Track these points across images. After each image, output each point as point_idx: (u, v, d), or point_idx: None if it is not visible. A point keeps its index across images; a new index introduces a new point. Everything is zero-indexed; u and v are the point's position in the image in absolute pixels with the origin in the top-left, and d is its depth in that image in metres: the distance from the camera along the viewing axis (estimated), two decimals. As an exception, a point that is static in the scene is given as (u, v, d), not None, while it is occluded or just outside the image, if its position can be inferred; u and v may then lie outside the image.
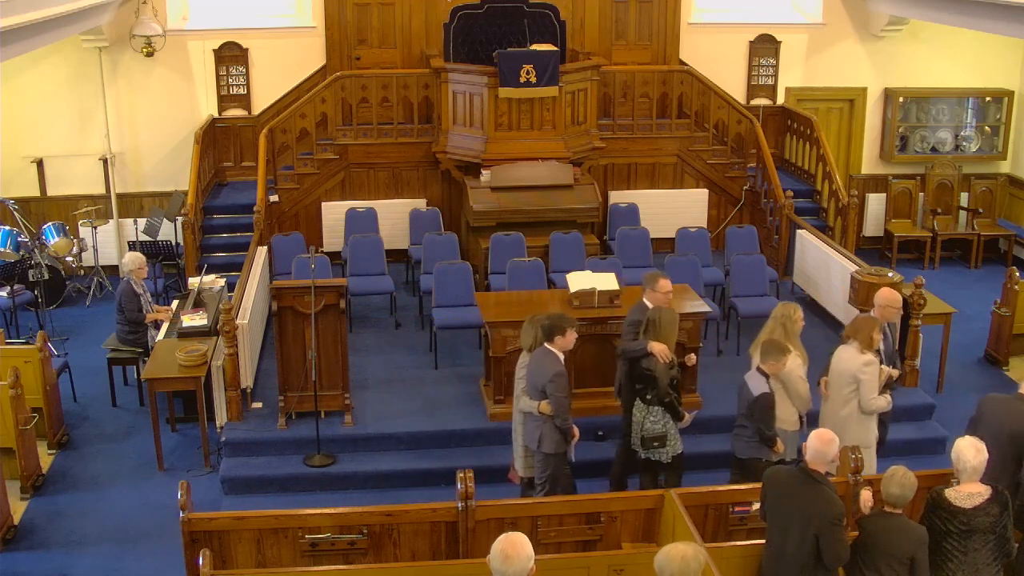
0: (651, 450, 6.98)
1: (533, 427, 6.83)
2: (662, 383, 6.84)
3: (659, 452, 6.99)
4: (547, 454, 6.82)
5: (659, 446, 6.95)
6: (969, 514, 5.30)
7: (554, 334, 6.73)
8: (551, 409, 6.65)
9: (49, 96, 11.94)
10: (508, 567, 4.12)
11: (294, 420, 8.25)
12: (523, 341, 7.02)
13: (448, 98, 11.02)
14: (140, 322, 9.03)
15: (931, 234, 12.94)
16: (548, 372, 6.64)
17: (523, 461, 7.14)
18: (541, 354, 6.79)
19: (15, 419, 7.64)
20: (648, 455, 7.02)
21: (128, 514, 7.59)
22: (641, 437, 6.97)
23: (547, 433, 6.76)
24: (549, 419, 6.71)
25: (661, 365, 6.84)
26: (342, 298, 8.17)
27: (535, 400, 6.74)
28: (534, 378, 6.75)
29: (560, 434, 6.77)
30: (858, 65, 13.21)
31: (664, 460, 6.99)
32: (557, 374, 6.63)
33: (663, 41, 12.78)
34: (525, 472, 7.16)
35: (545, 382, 6.64)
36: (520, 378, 7.01)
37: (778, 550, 5.31)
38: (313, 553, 5.89)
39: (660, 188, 12.17)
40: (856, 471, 6.12)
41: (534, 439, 6.83)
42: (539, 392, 6.71)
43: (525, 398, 6.84)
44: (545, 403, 6.67)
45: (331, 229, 11.48)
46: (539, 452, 6.84)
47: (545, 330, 6.76)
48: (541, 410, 6.71)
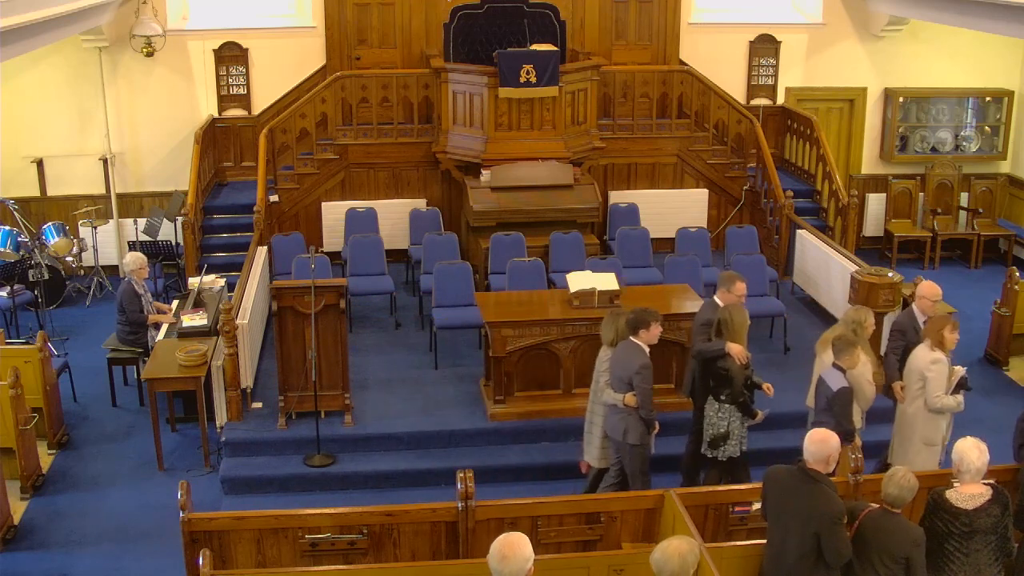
0: (715, 448, 7.06)
1: (618, 419, 6.94)
2: (737, 383, 6.93)
3: (719, 450, 7.06)
4: (632, 445, 6.92)
5: (720, 445, 7.03)
6: (971, 515, 5.30)
7: (639, 327, 6.85)
8: (637, 401, 6.76)
9: (49, 96, 11.94)
10: (505, 567, 4.12)
11: (294, 420, 8.25)
12: (604, 336, 7.14)
13: (448, 98, 11.03)
14: (141, 323, 9.03)
15: (931, 234, 12.94)
16: (634, 364, 6.76)
17: (599, 452, 7.24)
18: (626, 347, 6.90)
19: (15, 419, 7.64)
20: (710, 453, 7.09)
21: (128, 514, 7.59)
22: (710, 436, 7.04)
23: (632, 425, 6.87)
24: (634, 411, 6.82)
25: (737, 365, 6.93)
26: (342, 298, 8.17)
27: (620, 392, 6.84)
28: (619, 371, 6.86)
29: (644, 425, 6.88)
30: (858, 65, 13.21)
31: (720, 458, 7.06)
32: (643, 366, 6.76)
33: (663, 41, 12.78)
34: (599, 463, 7.26)
35: (631, 374, 6.76)
36: (602, 372, 7.10)
37: (779, 550, 5.31)
38: (313, 553, 5.89)
39: (660, 188, 12.17)
40: (856, 471, 6.12)
41: (619, 431, 6.93)
42: (624, 384, 6.82)
43: (609, 391, 6.94)
44: (631, 395, 6.79)
45: (331, 229, 11.48)
46: (624, 444, 6.93)
47: (631, 324, 6.88)
48: (626, 402, 6.81)
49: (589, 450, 7.37)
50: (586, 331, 8.24)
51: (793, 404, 8.60)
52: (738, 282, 7.43)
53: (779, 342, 9.68)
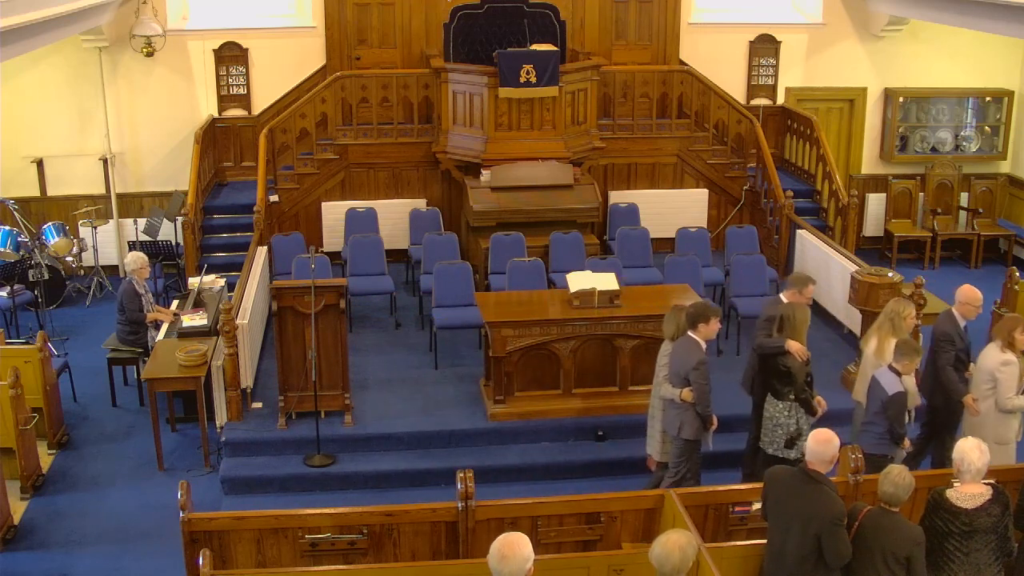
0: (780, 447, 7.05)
1: (674, 414, 6.95)
2: (798, 380, 6.94)
3: (785, 450, 7.05)
4: (686, 440, 6.94)
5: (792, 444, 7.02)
6: (971, 515, 5.30)
7: (698, 322, 6.85)
8: (693, 396, 6.77)
9: (49, 96, 11.94)
10: (504, 567, 4.12)
11: (294, 420, 8.25)
12: (665, 330, 7.17)
13: (448, 98, 11.03)
14: (141, 322, 9.03)
15: (931, 234, 12.94)
16: (692, 360, 6.77)
17: (660, 447, 7.28)
18: (684, 342, 6.91)
19: (15, 419, 7.64)
20: (776, 452, 7.08)
21: (128, 514, 7.59)
22: (785, 437, 7.02)
23: (688, 420, 6.88)
24: (690, 407, 6.82)
25: (798, 362, 6.94)
26: (342, 298, 8.17)
27: (677, 388, 6.86)
28: (677, 366, 6.88)
29: (700, 421, 6.88)
30: (858, 65, 13.21)
31: (792, 457, 7.02)
32: (700, 362, 6.77)
33: (663, 41, 12.78)
34: (661, 457, 7.30)
35: (688, 370, 6.77)
36: (662, 366, 7.14)
37: (779, 550, 5.31)
38: (313, 553, 5.89)
39: (660, 188, 12.17)
40: (856, 471, 6.12)
41: (674, 426, 6.95)
42: (682, 380, 6.83)
43: (667, 385, 6.96)
44: (687, 390, 6.80)
45: (331, 229, 11.48)
46: (678, 439, 6.94)
47: (690, 318, 6.89)
48: (683, 397, 6.83)
49: (651, 444, 7.43)
50: (586, 331, 8.25)
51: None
52: (811, 285, 7.52)
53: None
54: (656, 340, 8.29)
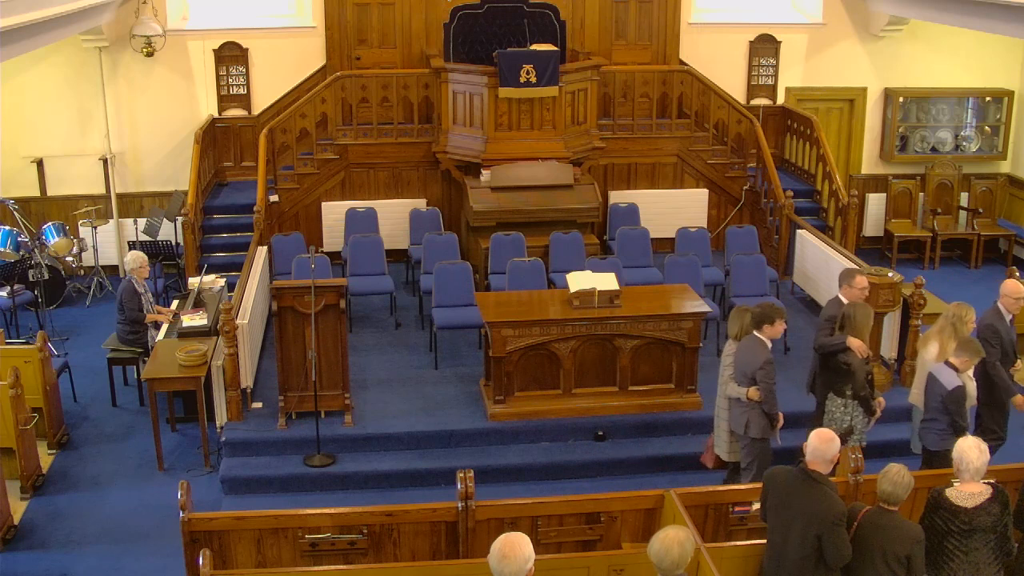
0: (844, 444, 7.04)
1: (740, 413, 7.01)
2: (859, 377, 6.99)
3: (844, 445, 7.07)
4: (753, 439, 7.00)
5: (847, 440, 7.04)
6: (970, 513, 5.31)
7: (763, 322, 6.92)
8: (760, 395, 6.83)
9: (49, 96, 11.94)
10: (505, 567, 4.13)
11: (294, 420, 8.25)
12: (729, 330, 7.26)
13: (448, 98, 11.03)
14: (140, 321, 9.03)
15: (931, 234, 12.94)
16: (758, 359, 6.84)
17: (728, 446, 7.33)
18: (750, 342, 6.97)
19: (15, 419, 7.64)
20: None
21: (128, 514, 7.59)
22: (845, 430, 7.05)
23: (754, 419, 6.94)
24: (756, 405, 6.88)
25: (858, 360, 6.99)
26: (342, 298, 8.17)
27: (743, 387, 6.91)
28: (743, 365, 6.94)
29: (767, 420, 6.93)
30: (858, 65, 13.21)
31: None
32: (767, 361, 6.84)
33: (663, 41, 12.77)
34: (729, 457, 7.35)
35: (755, 369, 6.83)
36: (727, 365, 7.19)
37: (779, 550, 5.31)
38: (313, 553, 5.89)
39: (660, 188, 12.17)
40: (856, 471, 6.12)
41: (741, 424, 7.01)
42: (748, 379, 6.90)
43: (732, 384, 7.02)
44: (754, 389, 6.86)
45: (331, 229, 11.49)
46: (745, 437, 7.00)
47: (755, 318, 6.96)
48: (749, 396, 6.89)
49: (718, 444, 7.47)
50: (586, 331, 8.25)
51: (793, 404, 8.61)
52: (858, 276, 7.56)
53: (779, 342, 9.67)
54: (656, 340, 8.33)
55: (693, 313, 8.37)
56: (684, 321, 8.29)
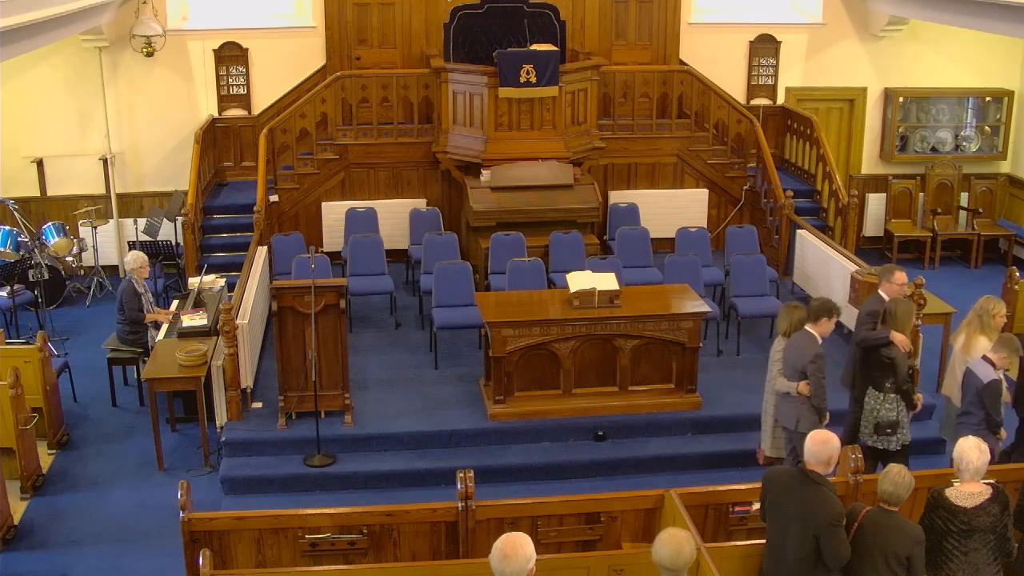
0: (882, 437, 7.11)
1: (790, 408, 7.04)
2: (901, 371, 7.02)
3: (888, 440, 7.10)
4: (803, 434, 6.91)
5: (891, 433, 7.09)
6: (970, 513, 5.31)
7: (820, 316, 6.97)
8: (810, 390, 6.86)
9: (49, 96, 11.94)
10: (506, 566, 4.12)
11: (294, 420, 8.25)
12: (779, 326, 7.30)
13: (448, 98, 11.03)
14: (141, 321, 9.03)
15: (931, 234, 12.94)
16: (809, 353, 6.87)
17: (772, 442, 7.38)
18: (801, 336, 7.00)
19: (15, 419, 7.64)
20: (876, 443, 7.13)
21: (128, 514, 7.59)
22: (875, 423, 7.10)
23: (804, 414, 6.96)
24: (806, 400, 6.91)
25: (901, 354, 7.03)
26: (342, 298, 8.17)
27: (793, 381, 6.94)
28: (793, 359, 6.97)
29: (816, 415, 6.96)
30: (858, 65, 13.21)
31: (892, 448, 7.10)
32: (818, 355, 6.88)
33: (663, 41, 12.77)
34: (772, 452, 7.39)
35: (806, 363, 6.87)
36: (775, 361, 7.21)
37: (778, 551, 5.30)
38: (313, 553, 5.89)
39: (660, 188, 12.17)
40: (856, 471, 6.12)
41: (791, 419, 7.03)
42: (798, 373, 6.93)
43: (782, 379, 7.06)
44: (804, 384, 6.89)
45: (331, 229, 11.49)
46: (796, 432, 7.00)
47: (813, 312, 7.01)
48: (800, 390, 6.92)
49: (764, 438, 7.51)
50: (586, 331, 8.25)
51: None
52: (897, 272, 7.60)
53: (779, 342, 9.67)
54: (656, 340, 8.33)
55: (693, 313, 8.37)
56: (684, 321, 8.29)
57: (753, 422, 8.45)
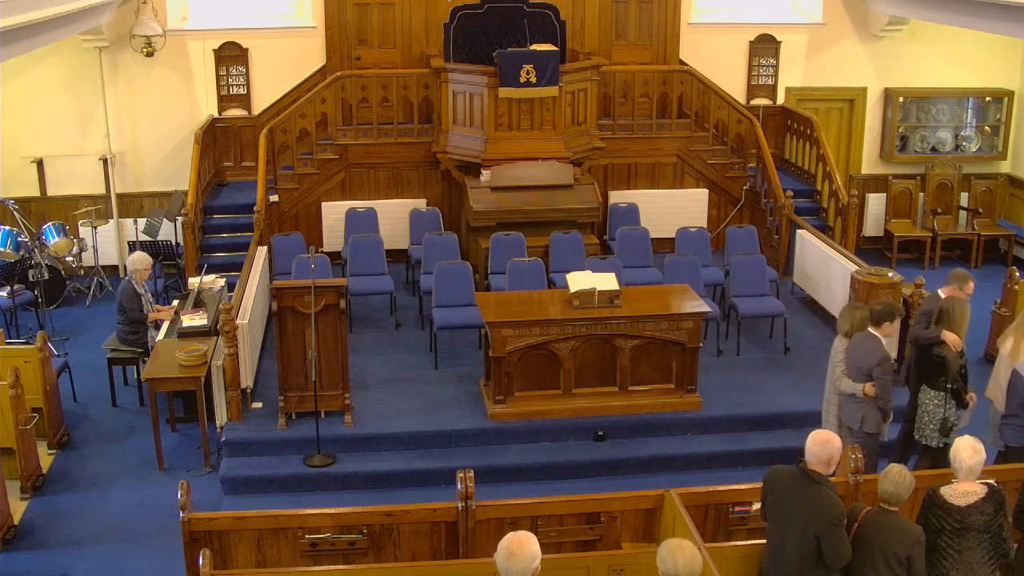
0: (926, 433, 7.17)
1: (855, 408, 7.09)
2: (952, 370, 7.06)
3: (932, 436, 7.15)
4: (867, 433, 7.07)
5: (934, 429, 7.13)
6: (963, 512, 5.31)
7: (883, 320, 7.03)
8: (876, 392, 6.91)
9: (49, 96, 11.94)
10: (512, 564, 4.12)
11: (294, 420, 8.25)
12: (839, 327, 7.37)
13: (448, 98, 11.03)
14: (141, 321, 9.03)
15: (931, 234, 12.94)
16: (875, 355, 6.93)
17: None
18: (864, 338, 7.06)
19: (15, 419, 7.64)
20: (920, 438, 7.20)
21: (128, 514, 7.58)
22: (940, 422, 7.13)
23: (869, 414, 7.03)
24: (871, 400, 6.96)
25: (952, 354, 7.06)
26: (342, 298, 8.17)
27: (858, 382, 6.98)
28: (857, 361, 7.02)
29: (881, 415, 7.02)
30: (858, 65, 13.21)
31: (934, 445, 7.14)
32: (884, 358, 6.96)
33: (663, 41, 12.77)
34: None
35: (871, 365, 6.92)
36: (837, 362, 7.25)
37: (778, 550, 5.30)
38: (313, 553, 5.89)
39: (660, 188, 12.17)
40: (856, 471, 6.12)
41: (856, 419, 7.08)
42: (863, 374, 6.97)
43: (847, 380, 7.09)
44: (870, 385, 6.94)
45: (331, 229, 11.49)
46: (860, 432, 7.06)
47: (875, 314, 7.07)
48: (866, 392, 6.96)
49: None
50: (586, 331, 8.25)
51: (793, 404, 8.64)
52: (971, 282, 7.65)
53: (779, 342, 9.68)
54: (656, 340, 8.33)
55: (693, 313, 8.36)
56: (684, 321, 8.29)
57: (753, 422, 8.48)
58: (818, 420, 7.58)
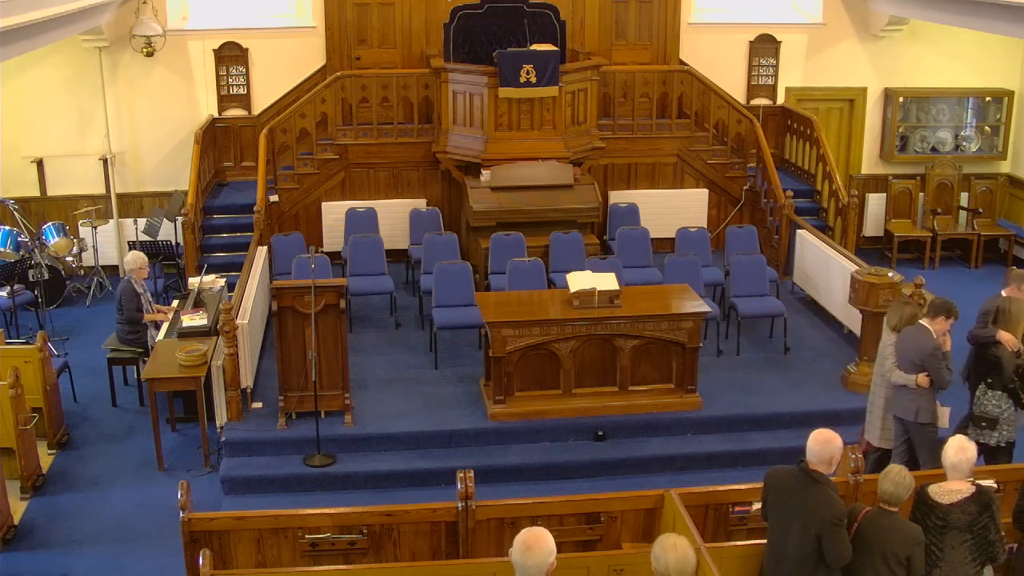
0: (977, 430, 7.15)
1: (908, 400, 7.13)
2: (1007, 370, 7.07)
3: (987, 434, 7.14)
4: (923, 424, 7.11)
5: (987, 427, 7.13)
6: (944, 510, 5.32)
7: (939, 314, 7.08)
8: (930, 381, 6.97)
9: (49, 96, 11.93)
10: (529, 559, 4.09)
11: (294, 420, 8.25)
12: (888, 320, 7.38)
13: (448, 98, 11.03)
14: (139, 321, 9.03)
15: (931, 234, 12.94)
16: (926, 347, 6.99)
17: (881, 433, 7.44)
18: (915, 331, 7.09)
19: (15, 419, 7.64)
20: (976, 436, 7.13)
21: (128, 514, 7.59)
22: (972, 415, 7.18)
23: (923, 405, 7.08)
24: (924, 391, 7.01)
25: (1008, 353, 7.09)
26: (342, 298, 8.17)
27: (911, 374, 7.01)
28: (909, 353, 7.07)
29: (934, 405, 7.07)
30: (858, 65, 13.21)
31: (992, 443, 7.15)
32: (936, 347, 7.00)
33: (663, 41, 12.77)
34: (882, 443, 7.44)
35: (924, 356, 6.97)
36: (887, 356, 7.28)
37: (779, 550, 5.30)
38: (313, 553, 5.89)
39: (660, 188, 12.17)
40: (856, 471, 6.12)
41: (911, 411, 7.12)
42: (915, 366, 7.01)
43: (898, 372, 7.13)
44: (923, 376, 6.97)
45: (331, 229, 11.49)
46: (915, 423, 7.10)
47: (933, 307, 7.11)
48: (919, 383, 7.00)
49: (871, 430, 7.56)
50: (586, 331, 8.25)
51: (793, 404, 8.64)
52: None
53: (779, 342, 9.68)
54: (656, 340, 8.33)
55: (693, 313, 8.36)
56: (684, 321, 8.29)
57: (753, 422, 8.47)
58: (818, 420, 7.54)
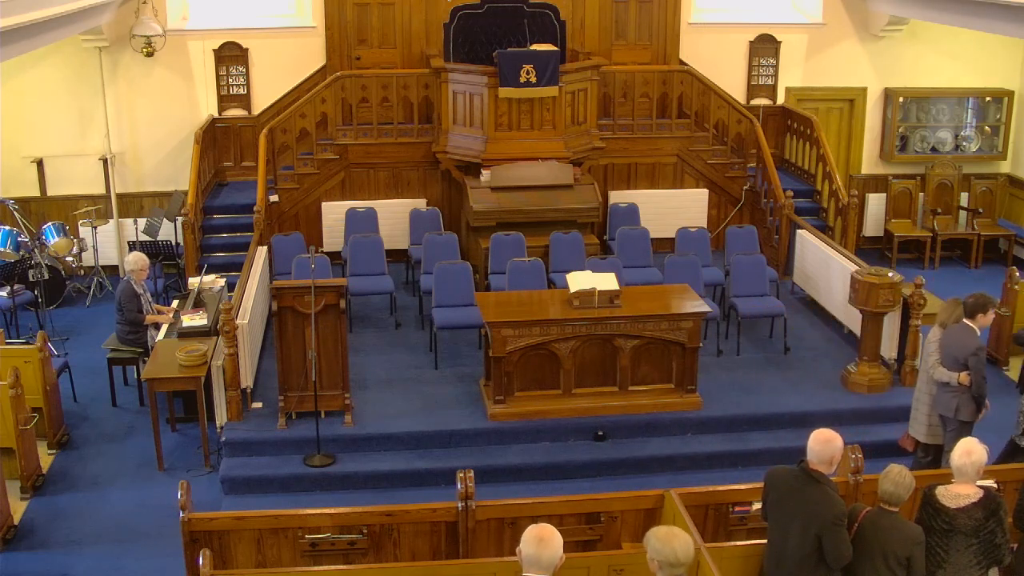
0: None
1: (949, 397, 7.19)
2: None
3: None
4: (962, 422, 7.15)
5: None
6: (951, 514, 5.30)
7: (977, 312, 7.13)
8: (970, 380, 7.01)
9: (49, 96, 11.94)
10: (543, 551, 4.05)
11: (294, 420, 8.25)
12: (939, 317, 7.44)
13: (448, 98, 11.03)
14: (139, 322, 9.03)
15: (931, 234, 12.94)
16: (970, 346, 7.05)
17: (927, 429, 7.49)
18: (960, 329, 7.15)
19: (15, 419, 7.64)
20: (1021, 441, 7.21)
21: (128, 514, 7.59)
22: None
23: (964, 403, 7.13)
24: (966, 389, 7.05)
25: None
26: (342, 298, 8.17)
27: (954, 372, 7.07)
28: (953, 350, 7.12)
29: (975, 404, 7.10)
30: (858, 65, 13.21)
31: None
32: (980, 348, 7.08)
33: (663, 41, 12.78)
34: (929, 439, 7.50)
35: (967, 355, 7.02)
36: (932, 351, 7.35)
37: (779, 550, 5.30)
38: (313, 553, 5.89)
39: (660, 188, 12.17)
40: (856, 471, 6.12)
41: (951, 408, 7.17)
42: (959, 364, 7.06)
43: (941, 369, 7.19)
44: (964, 374, 7.03)
45: (331, 229, 11.49)
46: (954, 420, 7.15)
47: (969, 307, 7.16)
48: (961, 381, 7.05)
49: (916, 426, 7.61)
50: (586, 331, 8.25)
51: (793, 404, 8.64)
52: None
53: (779, 342, 9.68)
54: (656, 340, 8.33)
55: (693, 313, 8.36)
56: (684, 321, 8.29)
57: (753, 422, 8.47)
58: (818, 420, 7.54)
